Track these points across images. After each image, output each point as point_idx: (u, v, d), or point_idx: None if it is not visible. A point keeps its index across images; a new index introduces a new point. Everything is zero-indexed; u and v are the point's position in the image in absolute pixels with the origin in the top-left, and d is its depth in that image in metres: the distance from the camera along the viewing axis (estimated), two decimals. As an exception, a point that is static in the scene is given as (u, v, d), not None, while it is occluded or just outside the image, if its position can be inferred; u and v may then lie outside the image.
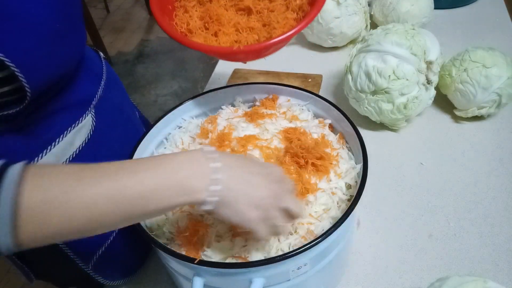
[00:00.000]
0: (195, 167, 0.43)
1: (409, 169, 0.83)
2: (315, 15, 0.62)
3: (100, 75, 0.68)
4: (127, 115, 0.75)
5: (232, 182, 0.45)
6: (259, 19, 0.68)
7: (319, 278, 0.57)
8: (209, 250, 0.53)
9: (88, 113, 0.62)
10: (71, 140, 0.59)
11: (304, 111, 0.72)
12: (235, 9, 0.69)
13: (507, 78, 0.83)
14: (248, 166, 0.48)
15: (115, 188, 0.38)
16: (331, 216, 0.56)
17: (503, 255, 0.68)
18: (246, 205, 0.45)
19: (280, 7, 0.68)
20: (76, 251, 0.64)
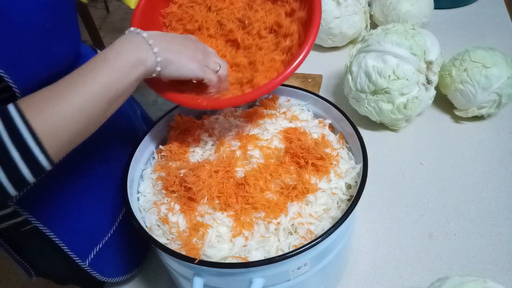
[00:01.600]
0: (137, 45, 0.52)
1: (409, 169, 0.83)
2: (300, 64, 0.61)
3: None
4: (125, 114, 0.75)
5: (166, 46, 0.54)
6: (246, 55, 0.66)
7: (319, 278, 0.57)
8: (209, 250, 0.53)
9: None
10: None
11: (304, 111, 0.72)
12: (224, 39, 0.68)
13: (507, 78, 0.83)
14: (174, 36, 0.58)
15: (88, 89, 0.47)
16: (331, 216, 0.56)
17: (503, 255, 0.68)
18: (185, 59, 0.56)
19: (269, 46, 0.65)
20: (73, 248, 0.64)
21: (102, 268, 0.69)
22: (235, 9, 0.68)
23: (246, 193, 0.56)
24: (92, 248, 0.68)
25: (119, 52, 0.50)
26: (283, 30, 0.64)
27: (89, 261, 0.67)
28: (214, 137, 0.68)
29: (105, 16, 3.43)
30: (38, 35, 0.51)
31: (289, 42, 0.63)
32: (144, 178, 0.64)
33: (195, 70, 0.56)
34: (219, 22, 0.68)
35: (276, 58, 0.63)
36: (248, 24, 0.66)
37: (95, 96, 0.47)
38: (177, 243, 0.54)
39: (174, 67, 0.55)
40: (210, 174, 0.59)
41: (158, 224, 0.57)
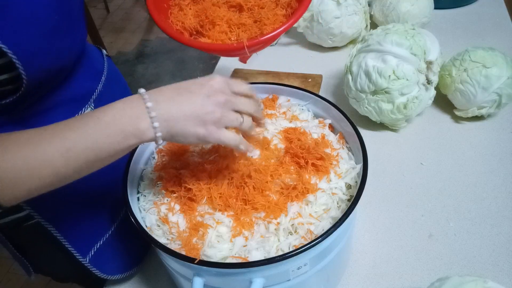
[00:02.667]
0: (133, 111, 0.46)
1: (409, 169, 0.83)
2: (303, 11, 0.67)
3: (101, 71, 0.68)
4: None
5: (169, 113, 0.47)
6: (250, 16, 0.70)
7: (319, 278, 0.57)
8: (209, 250, 0.53)
9: (87, 107, 0.63)
10: None
11: (304, 111, 0.72)
12: (227, 6, 0.72)
13: (507, 78, 0.83)
14: (181, 91, 0.49)
15: (65, 146, 0.43)
16: (331, 216, 0.56)
17: (503, 255, 0.68)
18: (193, 126, 0.48)
19: (270, 4, 0.71)
20: (73, 243, 0.64)
21: (102, 265, 0.69)
22: None
23: (246, 193, 0.56)
24: (93, 245, 0.68)
25: (115, 116, 0.45)
26: None
27: (90, 257, 0.67)
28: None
29: (105, 16, 3.43)
30: (49, 28, 0.51)
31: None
32: (144, 178, 0.64)
33: (207, 137, 0.49)
34: None
35: (278, 12, 0.70)
36: None
37: (71, 155, 0.43)
38: (177, 243, 0.54)
39: (181, 137, 0.49)
40: (210, 174, 0.59)
41: (158, 224, 0.57)
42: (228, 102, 0.49)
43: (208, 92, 0.49)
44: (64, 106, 0.60)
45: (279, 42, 1.23)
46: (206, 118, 0.48)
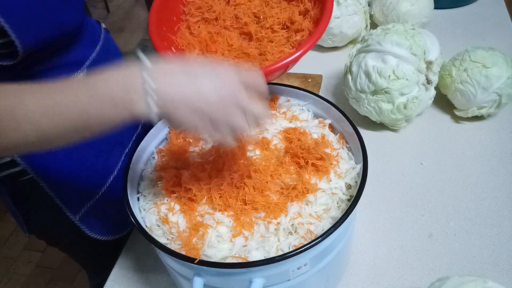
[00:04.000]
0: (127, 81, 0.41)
1: (409, 169, 0.83)
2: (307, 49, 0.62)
3: (97, 40, 0.72)
4: None
5: (167, 89, 0.41)
6: (257, 47, 0.67)
7: (319, 278, 0.57)
8: (209, 250, 0.53)
9: (81, 71, 0.67)
10: None
11: (304, 111, 0.72)
12: (238, 32, 0.70)
13: (507, 78, 0.83)
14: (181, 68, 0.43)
15: (54, 108, 0.40)
16: (331, 216, 0.56)
17: (503, 255, 0.68)
18: (187, 112, 0.42)
19: (280, 40, 0.67)
20: (64, 201, 0.69)
21: (92, 224, 0.73)
22: (252, 5, 0.71)
23: (246, 193, 0.56)
24: (84, 204, 0.71)
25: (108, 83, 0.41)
26: (295, 26, 0.67)
27: (80, 215, 0.71)
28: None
29: (105, 16, 3.43)
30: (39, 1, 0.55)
31: (299, 37, 0.67)
32: (144, 178, 0.64)
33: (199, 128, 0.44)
34: (236, 15, 0.71)
35: (285, 50, 0.65)
36: (262, 18, 0.69)
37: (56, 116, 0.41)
38: (177, 243, 0.54)
39: (176, 123, 0.44)
40: (210, 174, 0.59)
41: (158, 224, 0.57)
42: (237, 104, 0.44)
43: (216, 82, 0.43)
44: (58, 69, 0.64)
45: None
46: (207, 112, 0.43)
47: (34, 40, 0.56)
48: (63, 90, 0.42)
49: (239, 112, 0.44)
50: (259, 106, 0.46)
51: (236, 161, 0.61)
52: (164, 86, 0.41)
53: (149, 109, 0.41)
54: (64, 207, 0.68)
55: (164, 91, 0.41)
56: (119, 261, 0.73)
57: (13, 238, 1.91)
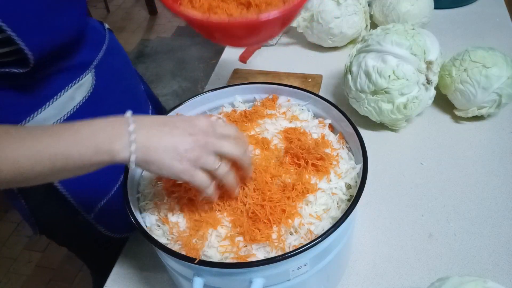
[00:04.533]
0: (113, 130, 0.46)
1: (409, 169, 0.83)
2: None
3: (102, 42, 0.73)
4: (128, 82, 0.80)
5: (149, 140, 0.47)
6: (256, 12, 0.67)
7: (319, 278, 0.57)
8: (209, 250, 0.53)
9: (88, 72, 0.68)
10: (72, 95, 0.66)
11: (304, 111, 0.72)
12: (236, 3, 0.69)
13: (507, 78, 0.83)
14: (166, 123, 0.49)
15: (35, 148, 0.44)
16: (331, 216, 0.56)
17: (503, 255, 0.68)
18: (170, 159, 0.47)
19: (277, 2, 0.68)
20: (78, 201, 0.70)
21: (107, 222, 0.74)
22: None
23: (246, 194, 0.56)
24: (98, 202, 0.72)
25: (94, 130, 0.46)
26: None
27: (95, 214, 0.73)
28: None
29: (105, 16, 3.43)
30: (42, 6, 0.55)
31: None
32: (144, 178, 0.64)
33: (180, 173, 0.48)
34: None
35: None
36: None
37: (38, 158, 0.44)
38: (177, 244, 0.54)
39: (155, 166, 0.48)
40: (210, 174, 0.59)
41: (158, 224, 0.57)
42: (208, 143, 0.49)
43: (191, 130, 0.49)
44: (66, 73, 0.65)
45: (279, 42, 1.23)
46: (184, 154, 0.48)
47: (41, 46, 0.56)
48: (47, 132, 0.45)
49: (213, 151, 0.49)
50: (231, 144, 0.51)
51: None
52: (146, 137, 0.47)
53: (131, 155, 0.46)
54: (79, 207, 0.68)
55: (146, 141, 0.47)
56: (119, 261, 0.73)
57: (13, 238, 1.91)
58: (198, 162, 0.49)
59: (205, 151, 0.49)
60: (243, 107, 0.74)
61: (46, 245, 1.85)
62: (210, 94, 0.73)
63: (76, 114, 0.67)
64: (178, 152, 0.48)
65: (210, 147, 0.49)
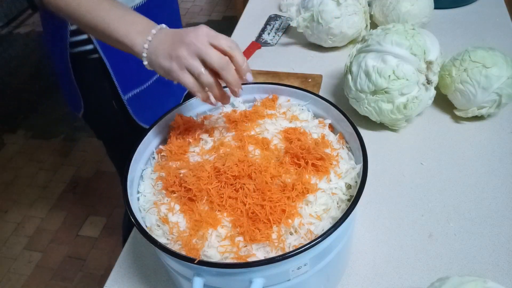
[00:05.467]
0: (143, 28, 0.60)
1: (409, 169, 0.83)
2: None
3: None
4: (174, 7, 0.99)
5: (158, 45, 0.58)
6: None
7: (319, 278, 0.58)
8: (209, 250, 0.53)
9: None
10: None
11: (304, 111, 0.72)
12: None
13: (507, 78, 0.83)
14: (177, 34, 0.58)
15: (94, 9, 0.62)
16: (331, 216, 0.56)
17: (503, 255, 0.68)
18: (162, 57, 0.57)
19: None
20: (120, 80, 0.86)
21: (136, 108, 0.90)
22: None
23: (246, 194, 0.56)
24: (135, 87, 0.90)
25: (132, 22, 0.61)
26: None
27: (129, 96, 0.89)
28: (214, 137, 0.68)
29: (105, 16, 3.43)
30: None
31: None
32: (144, 178, 0.64)
33: (169, 70, 0.58)
34: None
35: None
36: None
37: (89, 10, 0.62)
38: (177, 243, 0.54)
39: (156, 66, 0.59)
40: (210, 174, 0.59)
41: (158, 224, 0.57)
42: (196, 49, 0.55)
43: (187, 37, 0.56)
44: None
45: (279, 42, 1.23)
46: (172, 54, 0.56)
47: None
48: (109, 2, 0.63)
49: (198, 56, 0.56)
50: (218, 55, 0.56)
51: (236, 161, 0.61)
52: (157, 43, 0.59)
53: (143, 52, 0.59)
54: (119, 86, 0.85)
55: (156, 45, 0.59)
56: (119, 261, 0.74)
57: (13, 238, 1.91)
58: (182, 62, 0.56)
59: (190, 53, 0.56)
60: (243, 107, 0.74)
61: (46, 245, 1.85)
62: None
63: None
64: (169, 53, 0.57)
65: (196, 51, 0.56)
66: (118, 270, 0.72)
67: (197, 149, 0.66)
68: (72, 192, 2.07)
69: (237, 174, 0.58)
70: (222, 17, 3.21)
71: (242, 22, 1.34)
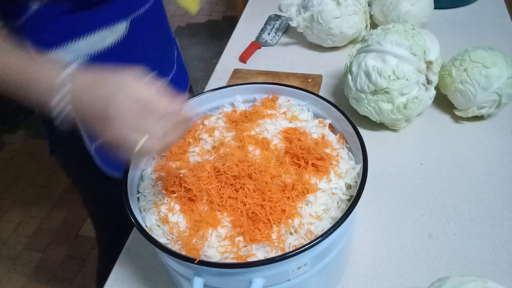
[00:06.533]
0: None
1: (409, 169, 0.83)
2: None
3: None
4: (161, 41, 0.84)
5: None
6: None
7: (319, 278, 0.58)
8: (209, 250, 0.53)
9: (124, 21, 0.71)
10: (104, 37, 0.69)
11: (304, 111, 0.72)
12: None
13: (507, 78, 0.83)
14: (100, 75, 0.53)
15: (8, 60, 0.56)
16: (331, 216, 0.56)
17: (503, 255, 0.68)
18: None
19: None
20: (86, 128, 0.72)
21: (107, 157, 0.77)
22: None
23: (246, 194, 0.56)
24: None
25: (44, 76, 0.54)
26: None
27: (97, 145, 0.77)
28: (214, 137, 0.68)
29: (105, 16, 3.43)
30: None
31: None
32: (144, 178, 0.64)
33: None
34: None
35: None
36: None
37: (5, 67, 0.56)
38: (177, 244, 0.54)
39: None
40: (210, 174, 0.59)
41: (158, 224, 0.57)
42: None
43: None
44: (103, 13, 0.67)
45: (279, 42, 1.23)
46: None
47: None
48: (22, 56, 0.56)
49: None
50: None
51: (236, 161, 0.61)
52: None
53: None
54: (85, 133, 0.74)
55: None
56: (119, 261, 0.74)
57: (13, 238, 1.91)
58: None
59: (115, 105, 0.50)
60: (243, 107, 0.74)
61: (46, 245, 1.85)
62: (210, 94, 0.73)
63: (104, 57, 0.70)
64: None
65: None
66: (118, 270, 0.72)
67: (197, 149, 0.66)
68: (72, 192, 2.07)
69: (237, 174, 0.58)
70: (222, 17, 3.21)
71: (242, 22, 1.34)
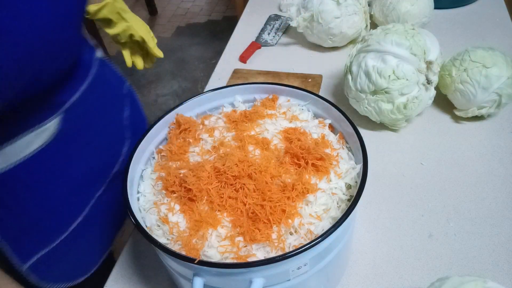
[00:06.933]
0: None
1: (409, 169, 0.83)
2: None
3: (83, 80, 0.63)
4: (105, 119, 0.71)
5: None
6: None
7: (319, 278, 0.57)
8: (209, 250, 0.53)
9: (55, 117, 0.59)
10: (30, 140, 0.56)
11: (304, 111, 0.72)
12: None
13: (507, 78, 0.83)
14: None
15: None
16: (331, 216, 0.56)
17: (503, 255, 0.68)
18: None
19: None
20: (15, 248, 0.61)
21: (44, 272, 0.65)
22: None
23: (246, 194, 0.56)
24: (38, 251, 0.64)
25: None
26: None
27: (31, 264, 0.63)
28: (214, 137, 0.68)
29: (105, 16, 3.43)
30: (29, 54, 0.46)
31: None
32: (144, 178, 0.64)
33: None
34: None
35: None
36: None
37: None
38: (177, 244, 0.54)
39: None
40: (210, 174, 0.59)
41: (158, 224, 0.57)
42: None
43: None
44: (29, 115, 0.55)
45: (279, 42, 1.23)
46: None
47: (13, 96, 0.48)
48: None
49: None
50: None
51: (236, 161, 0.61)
52: None
53: None
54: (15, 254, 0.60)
55: None
56: (119, 261, 0.74)
57: (13, 238, 1.90)
58: None
59: None
60: (243, 107, 0.74)
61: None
62: (210, 94, 0.73)
63: (29, 161, 0.57)
64: None
65: None
66: (118, 270, 0.72)
67: (197, 149, 0.66)
68: None
69: (237, 174, 0.58)
70: (222, 17, 3.21)
71: (242, 22, 1.34)
